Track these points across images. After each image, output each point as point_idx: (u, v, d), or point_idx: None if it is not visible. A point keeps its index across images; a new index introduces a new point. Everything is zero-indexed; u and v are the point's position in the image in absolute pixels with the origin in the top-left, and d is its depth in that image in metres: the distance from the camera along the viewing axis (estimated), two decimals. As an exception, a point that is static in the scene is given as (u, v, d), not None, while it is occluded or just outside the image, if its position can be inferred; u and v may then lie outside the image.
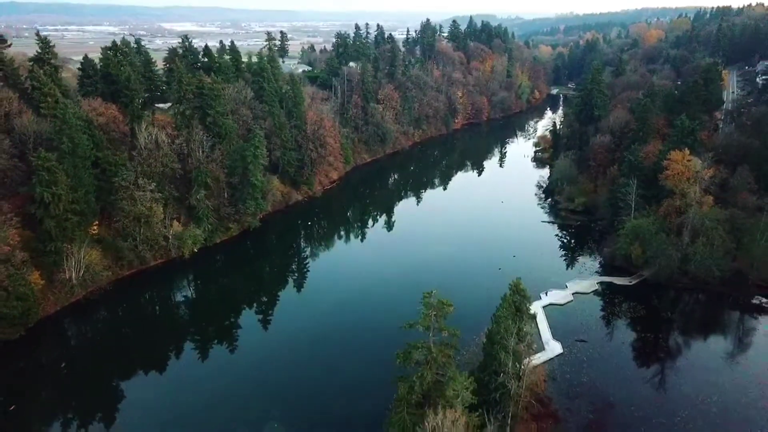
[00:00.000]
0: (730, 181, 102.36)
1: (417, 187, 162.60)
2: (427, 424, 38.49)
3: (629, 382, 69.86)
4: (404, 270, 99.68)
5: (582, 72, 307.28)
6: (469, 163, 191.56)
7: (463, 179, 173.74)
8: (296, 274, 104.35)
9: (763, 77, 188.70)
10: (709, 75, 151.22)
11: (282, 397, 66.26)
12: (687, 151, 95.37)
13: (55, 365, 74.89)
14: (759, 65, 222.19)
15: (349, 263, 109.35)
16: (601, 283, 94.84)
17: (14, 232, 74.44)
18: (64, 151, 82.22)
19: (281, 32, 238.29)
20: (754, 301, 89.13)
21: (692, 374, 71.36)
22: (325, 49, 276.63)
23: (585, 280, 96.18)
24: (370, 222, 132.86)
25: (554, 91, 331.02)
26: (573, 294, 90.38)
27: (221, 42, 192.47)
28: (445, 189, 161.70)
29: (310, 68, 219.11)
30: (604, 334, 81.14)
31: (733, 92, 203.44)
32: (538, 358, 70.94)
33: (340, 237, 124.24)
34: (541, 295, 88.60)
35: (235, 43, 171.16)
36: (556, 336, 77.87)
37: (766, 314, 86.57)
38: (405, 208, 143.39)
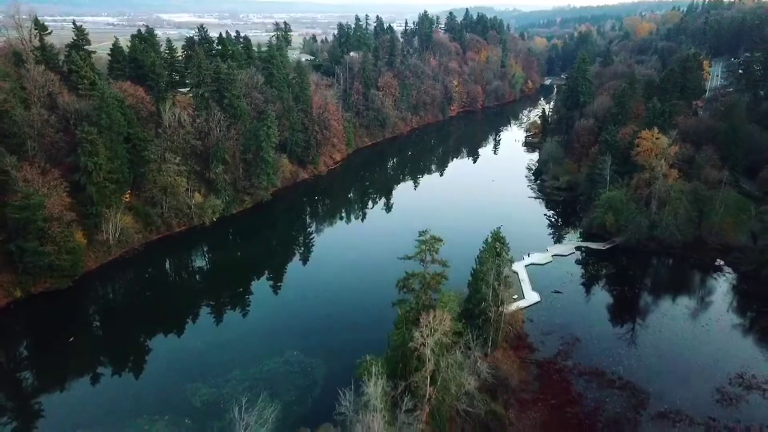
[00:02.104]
0: (696, 158, 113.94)
1: (414, 168, 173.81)
2: (421, 321, 49.71)
3: (596, 323, 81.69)
4: (399, 239, 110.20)
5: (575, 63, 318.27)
6: (463, 148, 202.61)
7: (457, 162, 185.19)
8: (304, 242, 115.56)
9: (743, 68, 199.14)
10: (687, 64, 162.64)
11: (299, 333, 77.52)
12: (656, 130, 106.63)
13: (98, 312, 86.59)
14: (742, 57, 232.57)
15: (352, 235, 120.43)
16: (578, 247, 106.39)
17: (64, 195, 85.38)
18: (102, 126, 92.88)
19: (285, 23, 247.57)
20: (713, 263, 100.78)
21: (652, 319, 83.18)
22: (325, 39, 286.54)
23: (564, 245, 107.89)
24: (371, 199, 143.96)
25: (547, 82, 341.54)
26: (552, 256, 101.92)
27: (227, 32, 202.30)
28: (441, 171, 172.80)
29: (312, 57, 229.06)
30: (578, 288, 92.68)
31: (717, 77, 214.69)
32: (518, 304, 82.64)
33: (343, 212, 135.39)
34: (524, 256, 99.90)
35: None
36: (535, 288, 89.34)
37: (722, 273, 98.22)
38: (403, 187, 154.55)
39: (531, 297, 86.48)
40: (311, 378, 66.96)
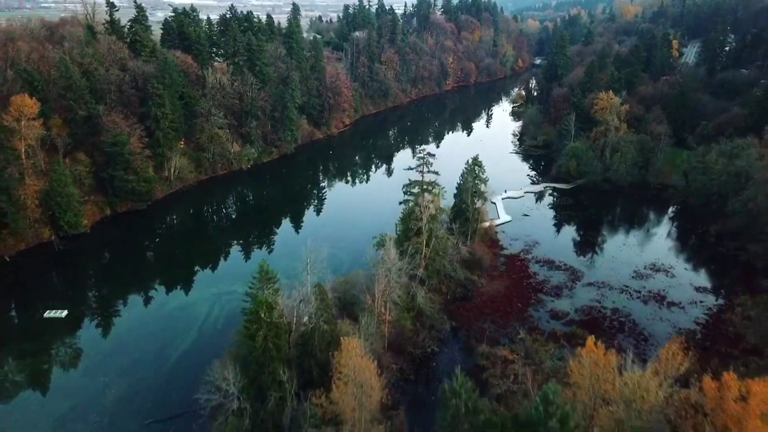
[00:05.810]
0: (645, 116, 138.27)
1: (413, 131, 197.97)
2: (419, 202, 74.02)
3: (553, 234, 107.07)
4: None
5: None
6: (457, 117, 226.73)
7: (451, 128, 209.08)
8: (322, 185, 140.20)
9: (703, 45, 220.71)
10: (652, 42, 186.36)
11: (325, 241, 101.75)
12: (611, 93, 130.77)
13: (168, 227, 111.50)
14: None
15: (358, 185, 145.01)
16: (547, 186, 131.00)
17: (143, 135, 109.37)
18: (165, 84, 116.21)
19: (294, 3, 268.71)
20: (652, 198, 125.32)
21: (598, 233, 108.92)
22: (330, 20, 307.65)
23: (536, 185, 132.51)
24: (376, 157, 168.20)
25: (537, 61, 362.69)
26: (525, 192, 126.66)
27: (240, 12, 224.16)
28: (436, 135, 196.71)
29: (320, 36, 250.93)
30: (543, 214, 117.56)
31: (693, 53, 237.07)
32: (493, 222, 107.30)
33: (352, 166, 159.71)
34: (502, 192, 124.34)
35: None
36: (508, 213, 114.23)
37: (660, 205, 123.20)
38: (402, 149, 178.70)
39: (504, 218, 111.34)
40: (339, 261, 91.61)
